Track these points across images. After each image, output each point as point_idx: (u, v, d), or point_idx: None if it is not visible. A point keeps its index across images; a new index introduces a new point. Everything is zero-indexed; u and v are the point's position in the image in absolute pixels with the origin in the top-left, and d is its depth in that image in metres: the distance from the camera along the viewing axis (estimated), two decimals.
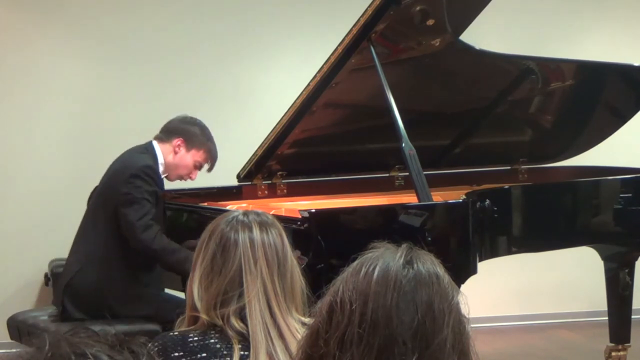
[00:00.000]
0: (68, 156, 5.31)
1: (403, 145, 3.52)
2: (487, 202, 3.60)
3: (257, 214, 1.99)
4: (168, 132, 3.98)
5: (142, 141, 4.46)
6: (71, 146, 5.33)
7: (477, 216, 3.48)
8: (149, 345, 1.02)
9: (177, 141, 3.96)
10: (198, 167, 4.03)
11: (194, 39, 5.51)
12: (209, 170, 4.09)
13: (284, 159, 4.24)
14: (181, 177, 4.05)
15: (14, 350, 1.01)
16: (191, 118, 4.07)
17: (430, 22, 3.74)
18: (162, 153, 3.95)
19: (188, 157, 3.98)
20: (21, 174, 5.32)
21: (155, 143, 3.98)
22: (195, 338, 1.86)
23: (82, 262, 3.84)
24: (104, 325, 3.56)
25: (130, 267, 3.82)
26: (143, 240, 3.69)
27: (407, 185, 4.02)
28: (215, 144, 4.05)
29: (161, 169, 3.94)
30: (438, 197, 3.72)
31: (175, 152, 3.96)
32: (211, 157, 4.04)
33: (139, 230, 3.69)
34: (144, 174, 3.78)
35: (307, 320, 1.86)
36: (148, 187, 3.76)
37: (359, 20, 3.62)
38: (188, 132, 3.98)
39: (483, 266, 3.50)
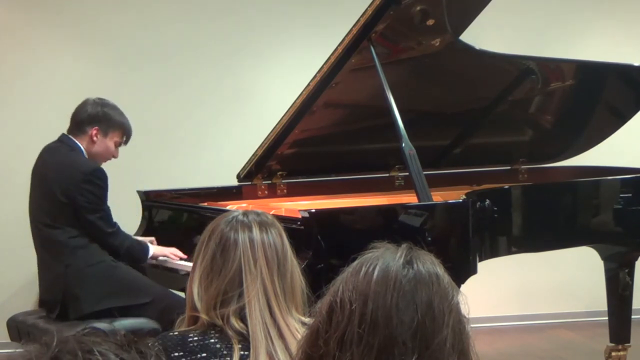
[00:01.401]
0: None
1: (403, 145, 3.51)
2: (487, 202, 3.60)
3: (257, 214, 1.99)
4: (80, 124, 3.96)
5: (142, 141, 4.47)
6: None
7: (477, 216, 3.48)
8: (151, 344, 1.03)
9: (92, 131, 3.95)
10: (118, 145, 4.03)
11: (194, 39, 5.51)
12: (126, 143, 4.07)
13: (284, 159, 4.24)
14: (106, 160, 4.06)
15: (14, 350, 1.01)
16: (96, 100, 4.04)
17: (430, 22, 3.74)
18: (81, 145, 3.96)
19: (107, 141, 3.98)
20: (21, 174, 5.31)
21: (71, 136, 3.98)
22: (195, 338, 1.86)
23: (63, 267, 3.83)
24: (107, 326, 3.58)
25: (102, 254, 3.88)
26: (116, 247, 3.87)
27: (407, 185, 4.02)
28: (126, 116, 4.03)
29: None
30: (438, 197, 3.72)
31: (94, 142, 3.96)
32: (127, 132, 4.03)
33: (111, 239, 3.86)
34: (96, 178, 3.84)
35: (307, 320, 1.86)
36: (101, 191, 3.84)
37: (359, 20, 3.62)
38: (99, 117, 3.96)
39: (483, 266, 3.50)
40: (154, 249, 3.91)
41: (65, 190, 3.83)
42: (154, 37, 5.46)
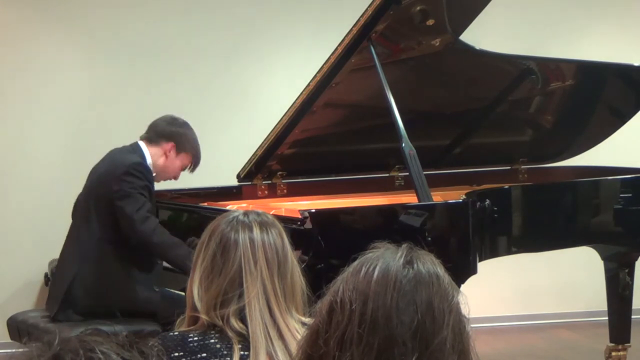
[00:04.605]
0: (68, 155, 5.31)
1: (403, 145, 3.52)
2: (487, 202, 3.60)
3: (258, 214, 1.99)
4: (158, 135, 3.97)
5: None
6: (71, 145, 5.33)
7: (477, 216, 3.48)
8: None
9: (168, 145, 3.95)
10: (183, 169, 4.05)
11: (195, 39, 5.51)
12: (192, 171, 4.09)
13: (284, 159, 4.24)
14: (167, 178, 4.07)
15: (13, 350, 1.01)
16: (178, 120, 4.06)
17: (430, 22, 3.74)
18: (151, 155, 3.95)
19: (177, 160, 3.99)
20: (20, 174, 5.32)
21: (142, 144, 3.96)
22: (195, 338, 1.86)
23: (78, 265, 3.83)
24: (108, 327, 3.57)
25: (126, 267, 3.82)
26: (142, 232, 3.70)
27: (407, 185, 4.02)
28: (199, 145, 4.06)
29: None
30: (438, 197, 3.72)
31: (166, 156, 3.97)
32: (196, 160, 4.06)
33: (137, 223, 3.69)
34: (135, 171, 3.79)
35: (307, 320, 1.86)
36: (140, 182, 3.77)
37: (359, 20, 3.62)
38: (179, 136, 3.98)
39: (483, 266, 3.50)
40: None
41: (109, 184, 3.79)
42: (153, 36, 5.45)
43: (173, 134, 3.98)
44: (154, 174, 3.95)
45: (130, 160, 3.83)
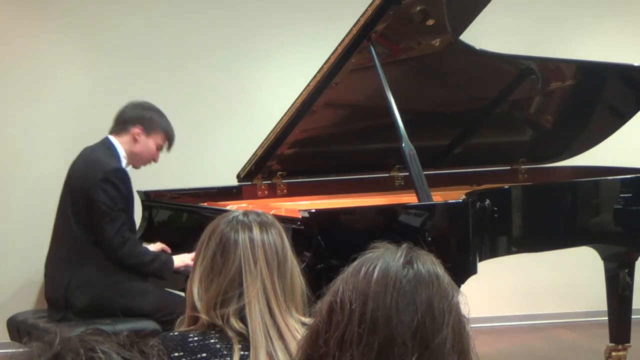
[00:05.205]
0: (68, 155, 5.29)
1: (403, 145, 3.52)
2: (487, 202, 3.60)
3: (257, 214, 1.99)
4: (124, 123, 3.98)
5: None
6: (71, 144, 5.29)
7: (477, 216, 3.48)
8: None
9: (135, 129, 3.95)
10: (159, 149, 4.04)
11: (195, 38, 5.51)
12: (168, 150, 4.09)
13: (284, 159, 4.24)
14: (146, 162, 4.06)
15: (13, 350, 1.01)
16: (141, 102, 4.07)
17: (430, 22, 3.74)
18: (122, 145, 3.95)
19: (150, 141, 3.99)
20: (21, 175, 5.32)
21: (112, 138, 3.97)
22: (195, 338, 1.86)
23: (70, 272, 3.83)
24: (108, 327, 3.58)
25: (113, 262, 3.83)
26: (120, 257, 3.77)
27: (407, 185, 4.03)
28: (169, 122, 4.05)
29: (124, 162, 3.94)
30: (438, 197, 3.72)
31: (136, 140, 3.96)
32: (169, 137, 4.05)
33: (116, 247, 3.76)
34: (114, 178, 3.79)
35: (307, 320, 1.86)
36: (120, 194, 3.78)
37: (359, 20, 3.62)
38: (144, 117, 3.98)
39: (483, 266, 3.50)
40: (175, 261, 3.80)
41: (85, 188, 3.80)
42: (154, 36, 5.45)
43: (137, 117, 3.98)
44: (129, 165, 3.94)
45: (109, 166, 3.83)
